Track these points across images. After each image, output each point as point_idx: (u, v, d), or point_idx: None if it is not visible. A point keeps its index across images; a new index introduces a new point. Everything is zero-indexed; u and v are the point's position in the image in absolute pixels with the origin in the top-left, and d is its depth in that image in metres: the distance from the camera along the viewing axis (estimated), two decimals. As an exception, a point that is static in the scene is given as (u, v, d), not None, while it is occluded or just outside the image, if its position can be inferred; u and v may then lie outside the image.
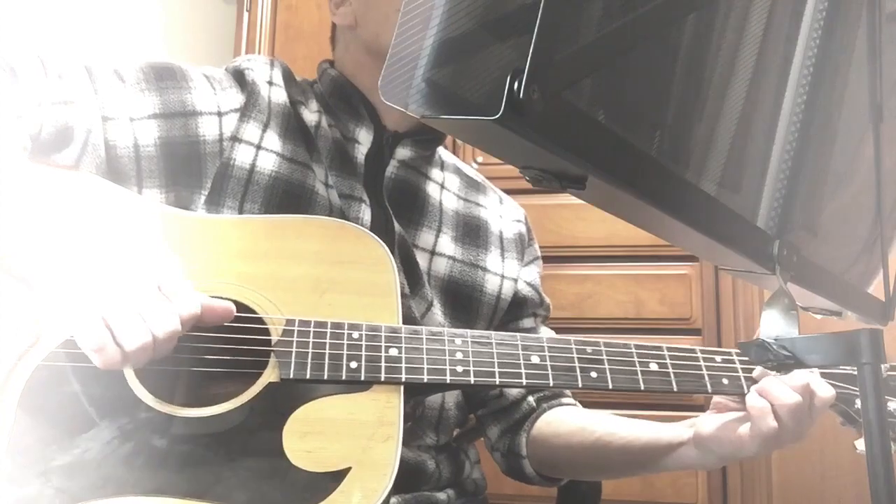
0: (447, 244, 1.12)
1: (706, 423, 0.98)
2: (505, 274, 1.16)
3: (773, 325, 0.60)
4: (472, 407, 1.17)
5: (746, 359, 0.95)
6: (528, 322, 1.19)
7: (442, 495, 1.07)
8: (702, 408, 1.67)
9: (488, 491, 1.18)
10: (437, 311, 1.07)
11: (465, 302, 1.11)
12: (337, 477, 0.79)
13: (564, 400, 1.16)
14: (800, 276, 0.61)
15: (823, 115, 0.63)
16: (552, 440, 1.11)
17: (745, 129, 0.58)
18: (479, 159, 1.83)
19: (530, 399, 1.15)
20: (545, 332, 1.18)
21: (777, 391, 0.90)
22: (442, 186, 1.17)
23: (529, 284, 1.19)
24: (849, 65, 0.67)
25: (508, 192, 1.28)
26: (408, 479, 1.00)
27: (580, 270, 1.85)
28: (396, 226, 1.06)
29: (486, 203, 1.22)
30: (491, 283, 1.14)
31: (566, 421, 1.12)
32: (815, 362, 0.59)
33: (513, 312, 1.17)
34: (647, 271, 1.83)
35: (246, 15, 2.19)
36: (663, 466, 1.03)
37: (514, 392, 1.15)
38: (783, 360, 0.62)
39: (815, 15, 0.61)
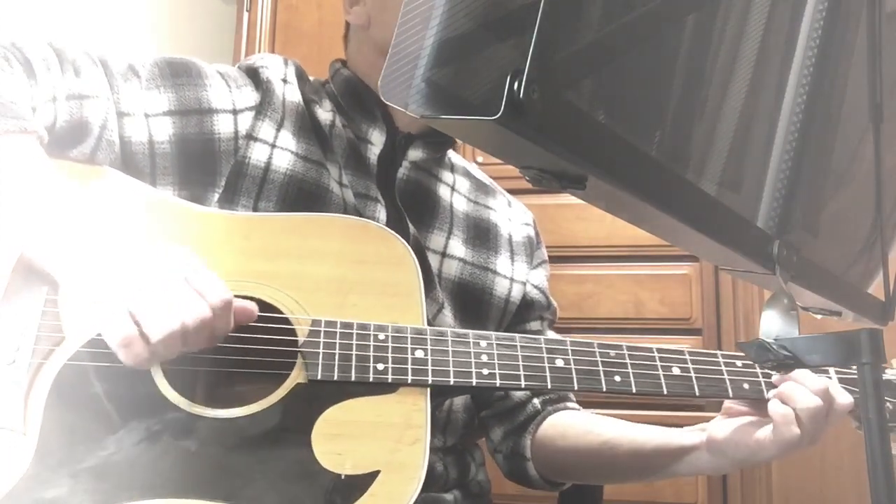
0: (458, 246, 1.12)
1: (719, 427, 0.97)
2: (514, 277, 1.16)
3: (773, 325, 0.60)
4: (477, 407, 1.16)
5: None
6: (534, 325, 1.18)
7: (449, 496, 1.07)
8: (702, 408, 1.68)
9: (491, 492, 1.18)
10: (448, 314, 1.07)
11: (474, 304, 1.11)
12: (366, 480, 0.79)
13: (570, 404, 1.16)
14: (800, 276, 0.61)
15: (823, 115, 0.63)
16: (558, 443, 1.10)
17: (745, 129, 0.58)
18: (480, 159, 1.83)
19: (535, 401, 1.14)
20: (551, 336, 1.18)
21: (799, 396, 0.89)
22: (452, 189, 1.17)
23: (537, 287, 1.19)
24: (849, 65, 0.67)
25: (508, 191, 1.28)
26: None
27: (580, 270, 1.85)
28: (411, 227, 1.05)
29: (496, 206, 1.21)
30: (500, 286, 1.14)
31: (573, 424, 1.11)
32: (815, 362, 0.59)
33: (520, 315, 1.17)
34: (647, 271, 1.83)
35: (246, 15, 2.19)
36: (673, 471, 1.02)
37: (518, 394, 1.14)
38: (783, 360, 0.62)
39: (815, 15, 0.61)
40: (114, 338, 0.73)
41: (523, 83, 0.36)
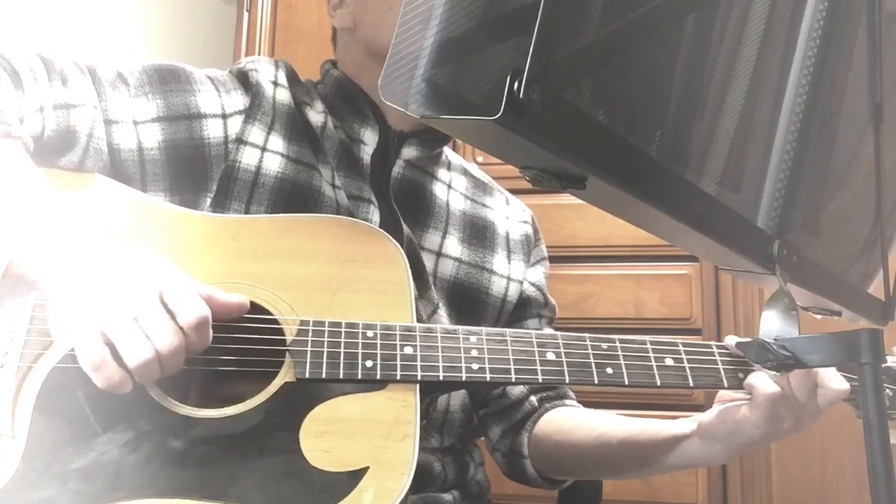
0: (453, 245, 1.12)
1: (708, 413, 0.97)
2: (511, 276, 1.16)
3: (773, 325, 0.60)
4: (475, 406, 1.16)
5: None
6: (532, 323, 1.18)
7: (447, 496, 1.07)
8: (702, 408, 1.68)
9: (490, 491, 1.18)
10: (443, 314, 1.07)
11: (470, 304, 1.11)
12: (355, 476, 0.79)
13: (567, 401, 1.16)
14: (800, 276, 0.61)
15: (823, 115, 0.63)
16: (554, 437, 1.10)
17: (745, 129, 0.58)
18: (480, 159, 1.83)
19: (532, 399, 1.14)
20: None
21: None
22: (449, 187, 1.16)
23: (534, 285, 1.19)
24: (849, 65, 0.67)
25: (508, 191, 1.28)
26: (414, 480, 1.01)
27: (580, 270, 1.85)
28: (405, 227, 1.05)
29: (493, 204, 1.21)
30: (497, 286, 1.14)
31: (568, 418, 1.11)
32: (815, 362, 0.59)
33: (517, 313, 1.17)
34: (647, 271, 1.83)
35: (246, 15, 2.19)
36: (668, 463, 1.01)
37: (516, 392, 1.14)
38: (783, 360, 0.62)
39: (815, 15, 0.61)
40: (85, 361, 0.73)
41: (523, 83, 0.37)
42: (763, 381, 0.88)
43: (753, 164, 0.60)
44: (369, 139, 1.07)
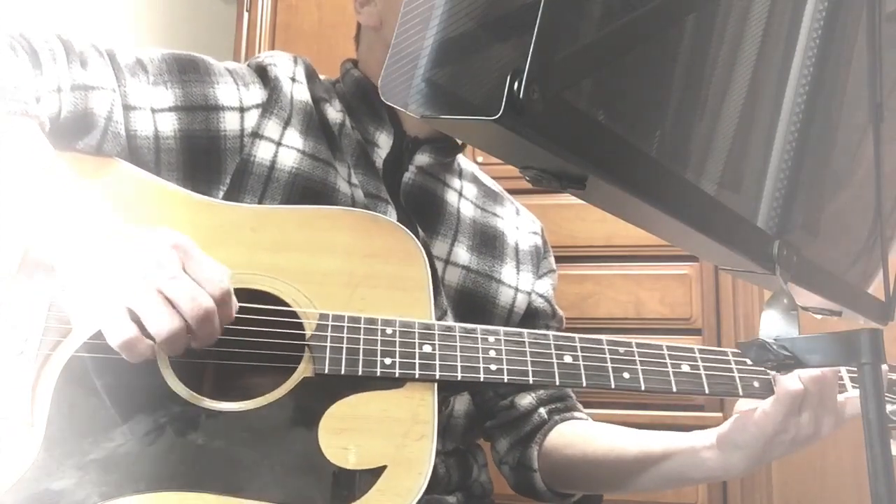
0: (462, 253, 1.11)
1: (725, 423, 0.96)
2: (519, 287, 1.15)
3: (773, 325, 0.60)
4: (481, 416, 1.15)
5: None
6: None
7: (451, 499, 1.06)
8: (701, 408, 1.67)
9: (493, 492, 1.17)
10: (450, 321, 1.06)
11: (476, 313, 1.10)
12: (373, 475, 0.79)
13: (577, 413, 1.14)
14: (800, 276, 0.61)
15: (823, 115, 0.63)
16: (566, 452, 1.09)
17: (745, 129, 0.58)
18: (480, 159, 1.83)
19: (542, 411, 1.13)
20: None
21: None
22: (460, 194, 1.16)
23: (542, 297, 1.18)
24: (849, 65, 0.67)
25: (508, 192, 1.28)
26: None
27: (580, 270, 1.85)
28: (420, 231, 1.05)
29: (503, 214, 1.20)
30: (504, 296, 1.13)
31: (580, 433, 1.10)
32: (815, 362, 0.59)
33: (524, 324, 1.16)
34: (647, 271, 1.83)
35: (246, 15, 2.19)
36: (686, 476, 1.00)
37: (524, 403, 1.13)
38: (783, 360, 0.62)
39: (815, 15, 0.61)
40: (115, 339, 0.72)
41: (523, 83, 0.36)
42: (789, 379, 0.88)
43: (753, 164, 0.60)
44: (383, 143, 1.07)
